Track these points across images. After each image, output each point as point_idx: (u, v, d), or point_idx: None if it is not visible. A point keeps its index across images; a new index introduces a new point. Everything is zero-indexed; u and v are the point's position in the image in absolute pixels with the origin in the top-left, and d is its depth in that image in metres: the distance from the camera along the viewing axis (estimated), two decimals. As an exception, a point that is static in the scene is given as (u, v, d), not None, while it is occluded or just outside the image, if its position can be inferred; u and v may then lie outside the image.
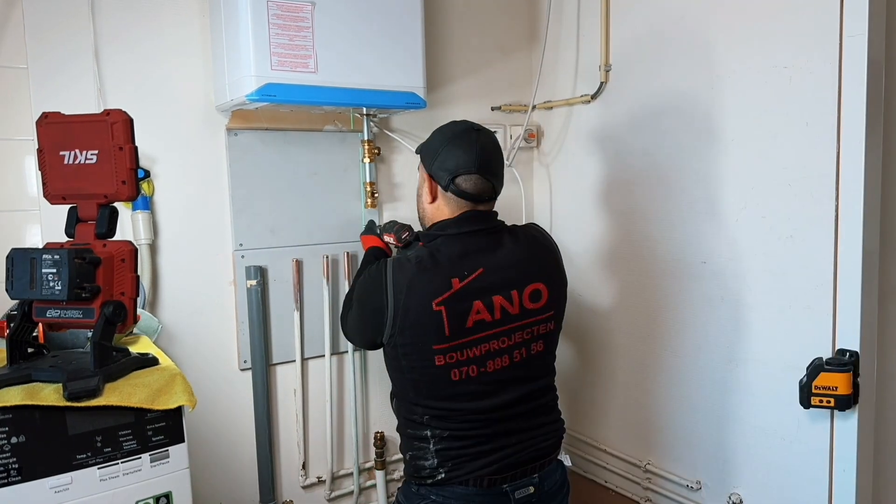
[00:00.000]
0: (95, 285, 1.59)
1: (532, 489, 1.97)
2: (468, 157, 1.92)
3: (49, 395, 1.51)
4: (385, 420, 2.79)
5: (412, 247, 2.15)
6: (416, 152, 2.11)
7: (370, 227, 2.49)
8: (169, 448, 1.64)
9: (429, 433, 1.94)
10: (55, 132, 1.65)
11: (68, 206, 1.69)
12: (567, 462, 2.13)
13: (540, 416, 2.03)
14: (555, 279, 2.02)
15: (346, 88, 2.28)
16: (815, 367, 2.05)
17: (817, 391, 2.04)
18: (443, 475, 1.92)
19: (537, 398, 2.02)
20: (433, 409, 1.93)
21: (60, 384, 1.53)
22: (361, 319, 1.99)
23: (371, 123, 2.61)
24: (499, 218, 2.06)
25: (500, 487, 1.92)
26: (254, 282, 2.45)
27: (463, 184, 1.93)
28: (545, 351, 2.01)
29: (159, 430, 1.62)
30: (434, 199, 2.00)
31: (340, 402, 2.73)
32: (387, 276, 1.88)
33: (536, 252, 2.03)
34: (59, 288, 1.53)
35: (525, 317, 1.94)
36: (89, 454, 1.54)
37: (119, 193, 1.65)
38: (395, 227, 2.32)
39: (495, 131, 2.91)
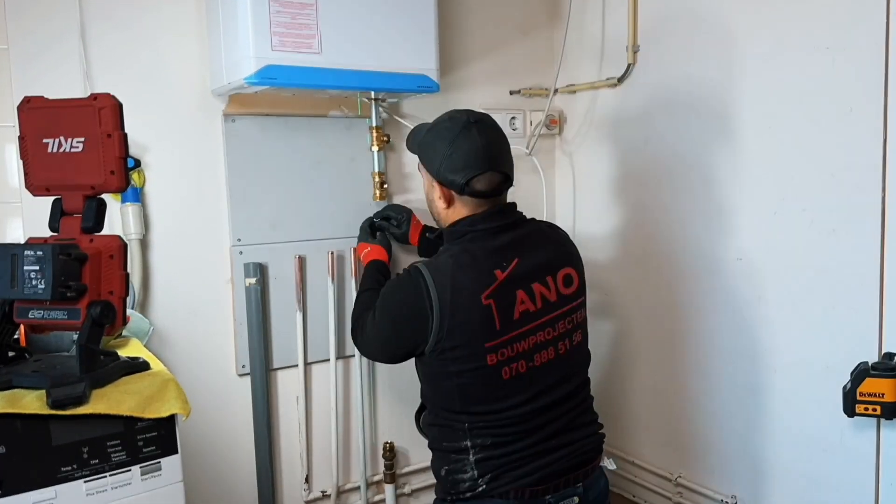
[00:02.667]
0: (81, 284, 1.58)
1: (577, 500, 1.97)
2: (477, 155, 1.94)
3: (31, 402, 1.50)
4: (395, 430, 2.78)
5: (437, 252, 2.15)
6: (410, 150, 2.18)
7: (366, 231, 2.50)
8: (161, 460, 1.62)
9: (469, 443, 1.95)
10: (38, 118, 1.64)
11: (52, 198, 1.68)
12: (611, 466, 2.14)
13: (582, 415, 2.05)
14: (579, 265, 2.09)
15: (353, 71, 2.28)
16: (860, 373, 2.03)
17: (862, 398, 2.03)
18: (483, 486, 1.92)
19: (579, 396, 2.05)
20: (478, 415, 1.94)
21: (44, 391, 1.52)
22: (395, 332, 2.00)
23: (380, 109, 2.60)
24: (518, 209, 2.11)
25: (542, 499, 1.93)
26: (253, 280, 2.45)
27: (478, 185, 1.96)
28: (583, 341, 2.07)
29: (150, 440, 1.61)
30: (450, 203, 2.02)
31: (347, 409, 2.72)
32: (426, 279, 1.90)
33: (560, 237, 2.12)
34: (43, 287, 1.52)
35: (563, 303, 1.99)
36: (75, 466, 1.52)
37: (107, 184, 1.64)
38: (394, 214, 2.36)
39: (513, 117, 2.92)
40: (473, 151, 1.94)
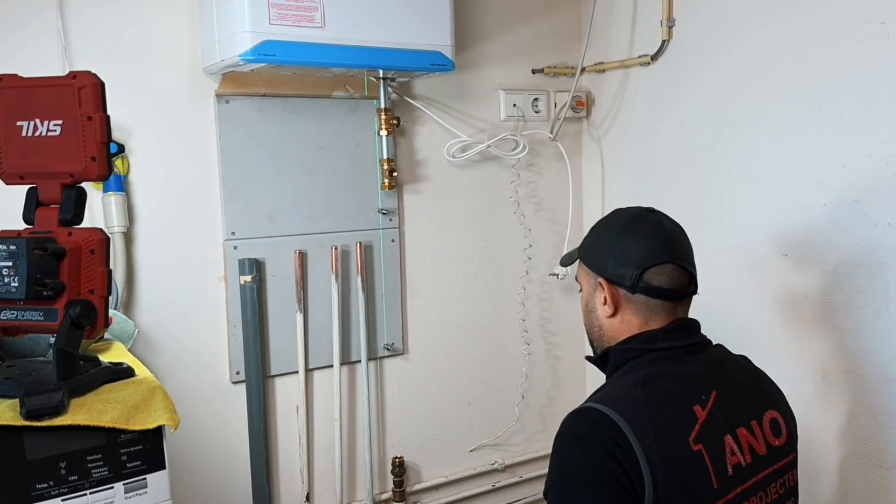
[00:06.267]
0: (59, 282, 1.57)
1: None
2: (655, 242, 1.68)
3: (4, 412, 1.50)
4: (405, 443, 2.78)
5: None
6: (568, 263, 1.94)
7: None
8: (147, 476, 1.62)
9: None
10: (11, 98, 1.63)
11: (27, 187, 1.67)
12: None
13: None
14: (786, 408, 1.75)
15: (360, 47, 2.27)
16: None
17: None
18: None
19: None
20: None
21: (17, 400, 1.51)
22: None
23: (389, 89, 2.60)
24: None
25: None
26: (248, 278, 2.44)
27: (656, 279, 1.66)
28: None
29: (135, 454, 1.60)
30: (616, 309, 1.70)
31: (352, 421, 2.72)
32: (612, 418, 1.50)
33: (757, 371, 1.80)
34: (16, 285, 1.51)
35: (774, 459, 1.64)
36: (52, 483, 1.51)
37: (87, 172, 1.62)
38: None
39: (536, 98, 2.91)
40: (651, 239, 1.68)
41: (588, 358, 1.81)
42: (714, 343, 1.76)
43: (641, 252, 1.66)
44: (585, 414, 1.54)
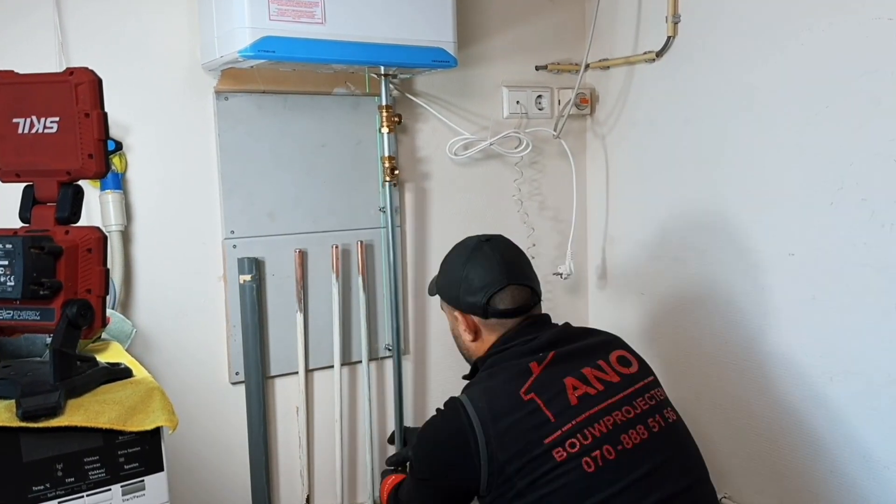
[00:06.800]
0: (56, 281, 1.56)
1: None
2: (492, 271, 1.99)
3: None
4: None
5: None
6: (431, 294, 2.22)
7: (388, 473, 2.47)
8: (145, 478, 1.61)
9: None
10: (7, 95, 1.63)
11: (23, 185, 1.67)
12: None
13: None
14: (633, 351, 2.02)
15: (361, 43, 2.27)
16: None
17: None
18: None
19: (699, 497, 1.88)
20: None
21: (13, 401, 1.51)
22: (435, 464, 1.90)
23: (390, 86, 2.60)
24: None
25: None
26: (248, 277, 2.44)
27: (501, 303, 1.98)
28: (679, 421, 1.94)
29: (133, 456, 1.60)
30: (477, 334, 2.03)
31: (353, 422, 2.72)
32: (460, 405, 1.84)
33: (606, 335, 2.06)
34: (12, 284, 1.51)
35: (632, 382, 1.90)
36: (48, 485, 1.51)
37: (84, 169, 1.62)
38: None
39: (539, 95, 2.91)
40: (488, 269, 1.99)
41: (465, 377, 2.13)
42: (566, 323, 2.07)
43: (484, 282, 1.98)
44: (439, 412, 1.92)
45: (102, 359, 1.77)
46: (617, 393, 1.85)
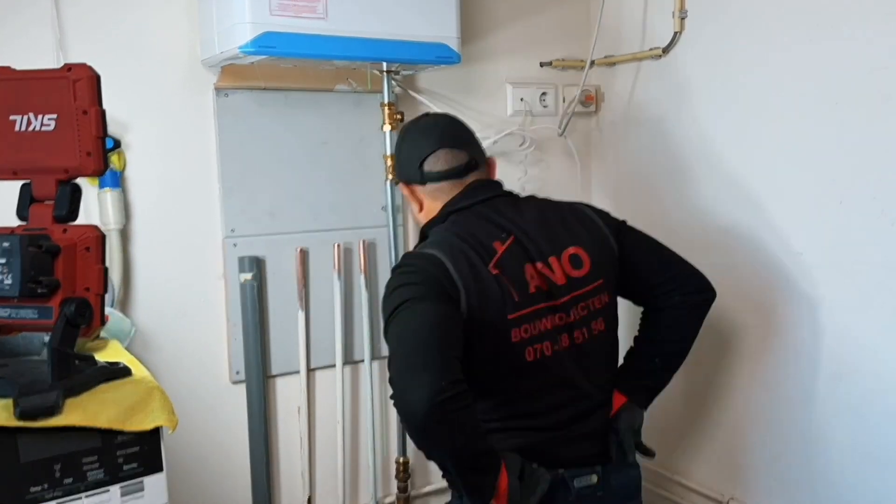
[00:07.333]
0: (54, 279, 1.57)
1: (595, 478, 1.94)
2: (425, 139, 2.02)
3: (-3, 413, 1.50)
4: (410, 445, 2.77)
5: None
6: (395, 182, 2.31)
7: None
8: (144, 478, 1.61)
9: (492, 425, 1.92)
10: (4, 91, 1.62)
11: (20, 183, 1.67)
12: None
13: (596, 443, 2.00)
14: (596, 245, 2.01)
15: (363, 39, 2.27)
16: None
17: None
18: None
19: (593, 411, 1.99)
20: (502, 404, 1.92)
21: (10, 400, 1.51)
22: (423, 289, 1.81)
23: (393, 83, 2.60)
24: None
25: (554, 471, 1.88)
26: (248, 275, 2.44)
27: (433, 166, 2.00)
28: (606, 330, 2.00)
29: (132, 456, 1.60)
30: (421, 205, 2.07)
31: (355, 422, 2.72)
32: (432, 252, 1.85)
33: (562, 215, 2.05)
34: (10, 282, 1.51)
35: (575, 287, 1.94)
36: (46, 486, 1.51)
37: (83, 167, 1.62)
38: None
39: (544, 93, 2.91)
40: (422, 138, 2.03)
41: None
42: (531, 196, 2.10)
43: (417, 150, 2.01)
44: (409, 256, 1.94)
45: (101, 357, 1.77)
46: (559, 297, 1.90)
